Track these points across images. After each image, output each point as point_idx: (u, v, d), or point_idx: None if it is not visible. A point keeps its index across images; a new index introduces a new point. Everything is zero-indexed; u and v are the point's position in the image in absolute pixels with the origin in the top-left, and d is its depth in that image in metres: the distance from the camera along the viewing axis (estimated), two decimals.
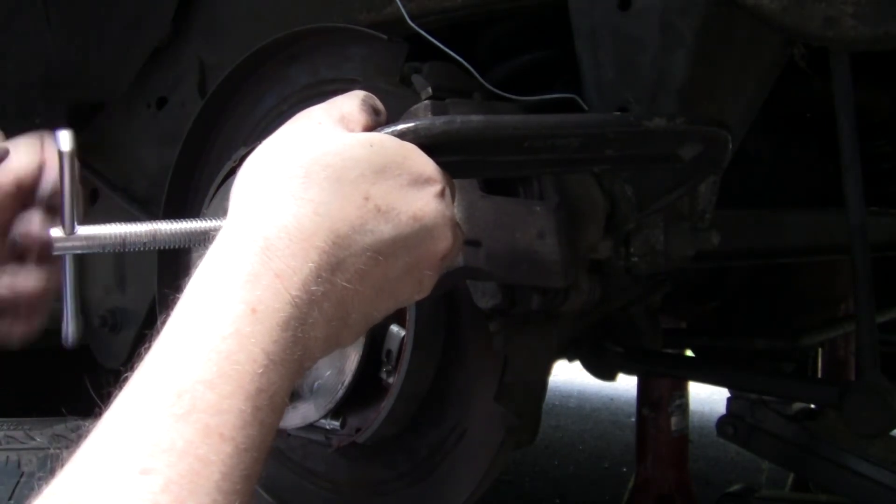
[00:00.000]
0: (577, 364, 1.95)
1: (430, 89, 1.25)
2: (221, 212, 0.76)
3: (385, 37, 1.31)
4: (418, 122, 0.74)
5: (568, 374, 3.46)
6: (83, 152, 2.41)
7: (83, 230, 0.76)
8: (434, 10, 1.32)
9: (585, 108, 1.19)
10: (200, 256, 0.72)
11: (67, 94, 2.17)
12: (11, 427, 2.21)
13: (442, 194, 0.71)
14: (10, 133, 2.41)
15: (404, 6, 1.30)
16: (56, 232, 0.75)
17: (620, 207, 1.17)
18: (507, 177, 1.05)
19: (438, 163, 0.76)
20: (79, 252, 0.77)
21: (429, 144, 0.74)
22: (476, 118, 0.77)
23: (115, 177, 2.27)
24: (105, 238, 0.76)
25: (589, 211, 1.13)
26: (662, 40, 1.10)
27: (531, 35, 1.54)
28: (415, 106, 1.16)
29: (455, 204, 1.02)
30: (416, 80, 1.26)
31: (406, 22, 1.29)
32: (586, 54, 1.17)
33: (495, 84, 1.30)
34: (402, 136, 0.73)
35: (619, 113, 1.05)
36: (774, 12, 1.03)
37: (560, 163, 0.85)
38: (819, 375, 2.86)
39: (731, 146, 0.89)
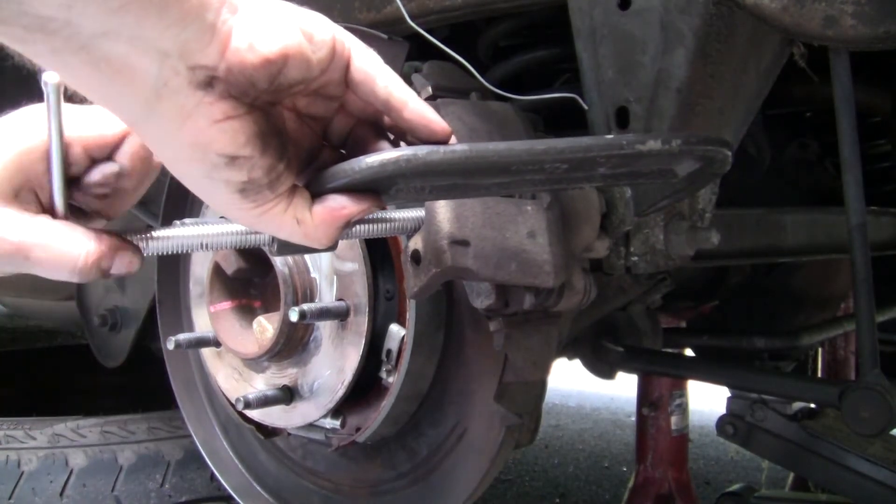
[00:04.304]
0: (577, 364, 1.95)
1: (429, 89, 1.25)
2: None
3: (385, 36, 1.31)
4: (401, 153, 0.73)
5: (568, 374, 3.45)
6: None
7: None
8: (434, 10, 1.32)
9: (585, 107, 1.19)
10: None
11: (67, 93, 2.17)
12: (11, 427, 2.21)
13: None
14: None
15: (404, 6, 1.30)
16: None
17: (617, 209, 1.17)
18: (496, 195, 1.05)
19: (425, 186, 0.78)
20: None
21: (412, 173, 0.74)
22: (459, 147, 0.74)
23: None
24: None
25: (583, 210, 1.13)
26: (662, 40, 1.10)
27: (531, 34, 1.54)
28: None
29: (444, 204, 1.02)
30: (416, 79, 1.26)
31: (406, 21, 1.29)
32: (586, 54, 1.17)
33: (495, 83, 1.30)
34: (384, 167, 0.72)
35: (610, 136, 1.04)
36: (774, 12, 1.03)
37: (551, 182, 0.83)
38: (819, 375, 2.86)
39: (730, 162, 0.88)
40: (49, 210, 0.73)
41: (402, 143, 0.78)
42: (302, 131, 0.75)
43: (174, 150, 0.67)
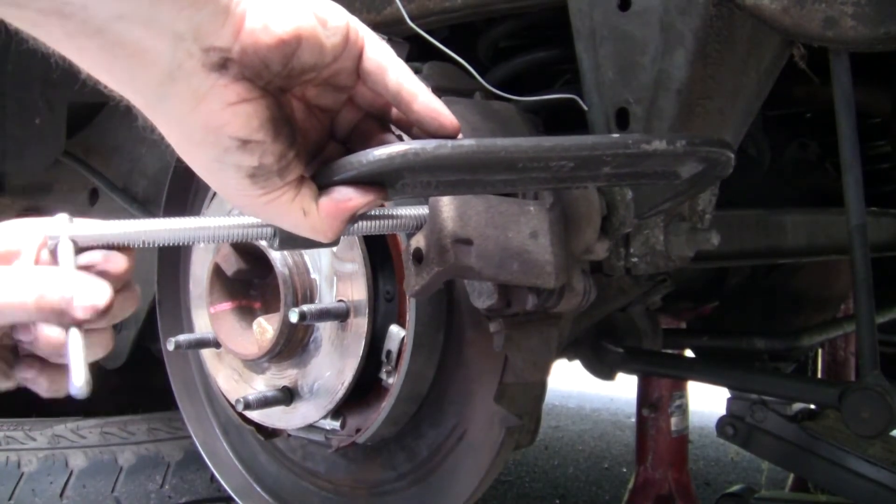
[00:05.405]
0: (577, 365, 1.95)
1: (430, 89, 1.25)
2: (221, 212, 0.76)
3: (385, 37, 1.31)
4: (409, 146, 0.73)
5: (568, 375, 3.45)
6: (83, 151, 2.40)
7: (80, 228, 0.74)
8: (434, 11, 1.32)
9: (585, 108, 1.19)
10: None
11: (67, 94, 2.17)
12: (11, 427, 2.21)
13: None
14: (11, 133, 2.41)
15: (404, 7, 1.30)
16: (51, 231, 0.72)
17: (618, 210, 1.17)
18: (502, 193, 1.05)
19: (431, 181, 0.78)
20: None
21: (419, 167, 0.74)
22: (467, 142, 0.75)
23: (114, 177, 2.27)
24: (102, 237, 0.75)
25: (585, 212, 1.13)
26: (662, 40, 1.10)
27: (531, 35, 1.54)
28: None
29: (447, 202, 1.02)
30: None
31: (406, 22, 1.29)
32: (586, 54, 1.17)
33: (495, 84, 1.30)
34: (391, 160, 0.72)
35: (616, 135, 1.04)
36: (774, 13, 1.03)
37: (556, 180, 0.84)
38: (819, 376, 2.86)
39: (733, 164, 0.88)
40: None
41: (405, 138, 0.78)
42: (310, 122, 0.75)
43: (186, 132, 0.67)
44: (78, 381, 0.66)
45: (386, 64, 0.74)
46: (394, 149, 0.72)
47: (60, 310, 0.64)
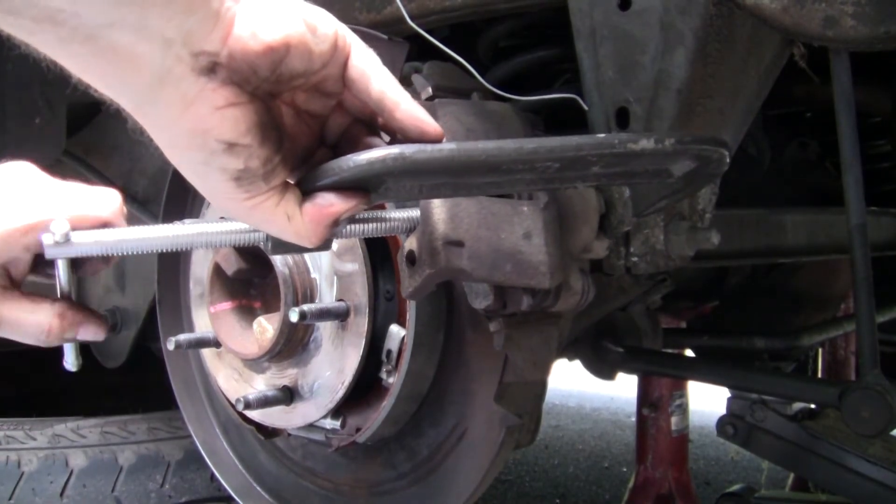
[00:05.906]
0: (578, 364, 1.95)
1: (430, 89, 1.25)
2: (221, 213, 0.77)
3: (385, 36, 1.31)
4: (388, 152, 0.73)
5: (568, 374, 3.46)
6: (83, 151, 2.39)
7: (77, 236, 0.76)
8: (434, 10, 1.32)
9: (585, 108, 1.19)
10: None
11: (67, 93, 2.17)
12: (12, 427, 2.21)
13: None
14: (10, 133, 2.41)
15: (404, 6, 1.30)
16: (48, 238, 0.75)
17: (616, 209, 1.17)
18: (496, 194, 1.04)
19: (415, 185, 0.78)
20: (72, 256, 0.77)
21: (399, 172, 0.74)
22: (447, 146, 0.74)
23: (114, 176, 2.27)
24: (98, 244, 0.76)
25: (581, 211, 1.13)
26: (662, 40, 1.10)
27: (531, 35, 1.54)
28: None
29: (439, 204, 1.02)
30: (416, 79, 1.26)
31: (406, 22, 1.29)
32: (586, 54, 1.17)
33: (495, 84, 1.30)
34: (371, 166, 0.72)
35: (602, 135, 1.04)
36: (774, 12, 1.03)
37: (543, 181, 0.83)
38: (819, 375, 2.86)
39: (727, 161, 0.88)
40: (16, 284, 0.80)
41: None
42: (299, 128, 0.76)
43: (174, 135, 0.68)
44: (70, 360, 0.85)
45: (370, 72, 0.74)
46: (374, 154, 0.72)
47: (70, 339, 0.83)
